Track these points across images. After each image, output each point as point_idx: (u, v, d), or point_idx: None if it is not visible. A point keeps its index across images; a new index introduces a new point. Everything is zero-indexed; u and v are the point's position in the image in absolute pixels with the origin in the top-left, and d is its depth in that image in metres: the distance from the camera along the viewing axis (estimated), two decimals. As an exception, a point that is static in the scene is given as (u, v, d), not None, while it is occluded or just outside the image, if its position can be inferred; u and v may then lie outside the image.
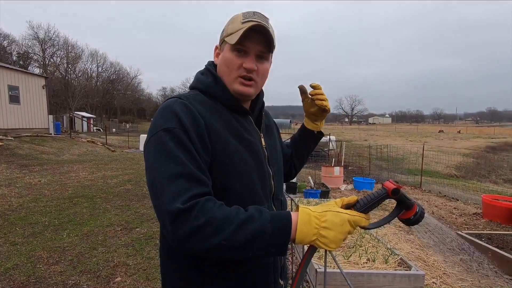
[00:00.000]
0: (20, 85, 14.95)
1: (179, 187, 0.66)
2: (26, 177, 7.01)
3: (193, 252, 0.66)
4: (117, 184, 6.64)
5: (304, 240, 0.66)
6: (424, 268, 3.13)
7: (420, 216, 0.71)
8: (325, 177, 7.56)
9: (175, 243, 0.66)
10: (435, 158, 13.78)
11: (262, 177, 0.85)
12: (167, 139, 0.71)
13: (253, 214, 0.66)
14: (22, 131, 14.24)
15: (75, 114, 28.44)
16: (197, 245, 0.64)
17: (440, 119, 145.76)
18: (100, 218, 4.31)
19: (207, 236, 0.63)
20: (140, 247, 3.37)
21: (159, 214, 0.68)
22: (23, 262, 2.94)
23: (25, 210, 4.59)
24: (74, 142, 14.57)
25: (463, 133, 40.29)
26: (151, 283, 2.64)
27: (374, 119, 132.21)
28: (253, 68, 0.82)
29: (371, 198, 0.69)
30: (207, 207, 0.65)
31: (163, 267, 0.88)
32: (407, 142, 23.14)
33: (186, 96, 0.81)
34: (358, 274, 2.47)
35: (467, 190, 8.32)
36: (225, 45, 0.84)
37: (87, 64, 44.77)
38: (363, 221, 0.68)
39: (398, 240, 3.95)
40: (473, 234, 3.85)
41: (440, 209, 5.70)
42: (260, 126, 0.94)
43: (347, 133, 37.62)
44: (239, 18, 0.82)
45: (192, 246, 0.65)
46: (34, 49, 37.48)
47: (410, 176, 9.39)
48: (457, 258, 3.46)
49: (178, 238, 0.64)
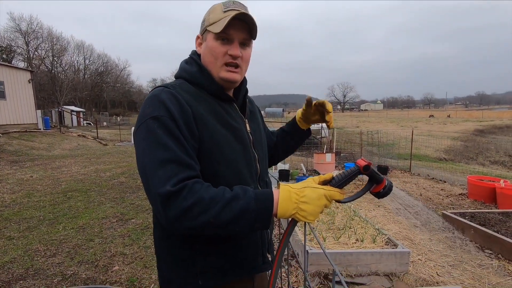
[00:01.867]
0: (5, 80, 14.55)
1: (168, 172, 0.70)
2: (17, 173, 6.95)
3: (184, 231, 0.71)
4: (110, 177, 6.64)
5: (285, 214, 0.72)
6: (410, 246, 3.28)
7: (388, 189, 0.78)
8: (317, 164, 7.69)
9: (167, 223, 0.70)
10: (424, 142, 14.07)
11: (248, 160, 0.90)
12: (155, 126, 0.75)
13: (238, 193, 0.72)
14: (10, 127, 13.95)
15: (63, 108, 27.87)
16: (187, 224, 0.69)
17: (431, 104, 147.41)
18: (95, 211, 4.35)
19: (196, 215, 0.68)
20: (136, 237, 3.43)
21: (151, 197, 0.72)
22: (20, 256, 2.98)
23: (19, 206, 4.58)
24: (64, 137, 14.37)
25: (452, 117, 40.96)
26: (148, 271, 2.72)
27: (366, 106, 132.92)
28: (238, 54, 0.86)
29: (345, 174, 0.76)
30: (195, 188, 0.70)
31: (157, 247, 0.93)
32: (398, 128, 23.48)
33: (173, 85, 0.84)
34: (347, 253, 2.59)
35: (454, 172, 8.57)
36: (208, 34, 0.87)
37: (74, 56, 43.66)
38: (338, 195, 0.74)
39: (387, 222, 4.11)
40: (458, 213, 4.02)
41: (428, 191, 5.89)
42: (245, 112, 0.98)
43: (340, 120, 37.86)
44: (219, 8, 0.85)
45: (183, 225, 0.69)
46: (17, 42, 36.16)
47: (400, 161, 9.60)
48: (442, 236, 3.62)
49: (169, 218, 0.69)
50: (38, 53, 37.84)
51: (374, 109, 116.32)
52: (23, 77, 15.95)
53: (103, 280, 2.56)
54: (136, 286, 2.49)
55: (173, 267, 0.87)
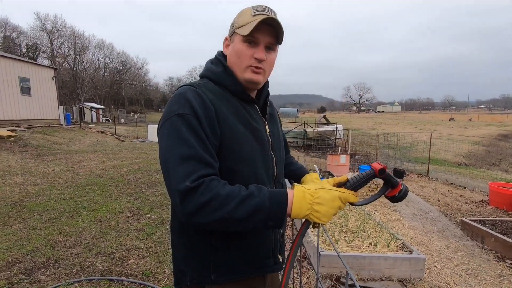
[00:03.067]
0: (31, 77, 15.22)
1: (188, 168, 0.73)
2: (40, 166, 7.26)
3: (199, 225, 0.74)
4: (127, 172, 6.83)
5: (299, 214, 0.73)
6: (426, 252, 3.20)
7: (404, 194, 0.77)
8: (331, 165, 7.60)
9: (184, 217, 0.73)
10: (444, 146, 13.62)
11: (266, 161, 0.92)
12: (179, 123, 0.78)
13: (253, 191, 0.74)
14: (34, 122, 14.60)
15: (84, 105, 28.85)
16: (203, 218, 0.72)
17: (451, 106, 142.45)
18: (112, 205, 4.49)
19: (212, 210, 0.71)
20: (151, 231, 3.52)
21: (171, 192, 0.75)
22: (42, 245, 3.12)
23: (41, 197, 4.79)
24: (84, 133, 14.88)
25: (474, 121, 39.42)
26: (161, 265, 2.78)
27: (383, 108, 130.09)
28: (263, 58, 0.88)
29: (360, 177, 0.76)
30: (212, 185, 0.72)
31: (173, 239, 0.96)
32: (416, 131, 22.84)
33: (198, 84, 0.88)
34: (360, 257, 2.55)
35: (475, 178, 8.25)
36: (236, 36, 0.90)
37: (95, 54, 45.10)
38: (352, 198, 0.74)
39: (402, 227, 4.02)
40: (477, 221, 3.88)
41: (446, 197, 5.71)
42: (265, 114, 1.01)
43: (355, 121, 37.23)
44: (249, 12, 0.88)
45: (199, 219, 0.72)
46: (42, 40, 37.85)
47: (417, 165, 9.34)
48: (459, 244, 3.51)
49: (187, 213, 0.72)
50: (61, 51, 39.40)
51: (391, 111, 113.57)
52: (47, 74, 16.63)
53: (119, 272, 2.65)
54: (150, 279, 2.56)
55: (188, 259, 0.90)
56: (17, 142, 10.29)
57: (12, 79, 14.04)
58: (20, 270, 2.64)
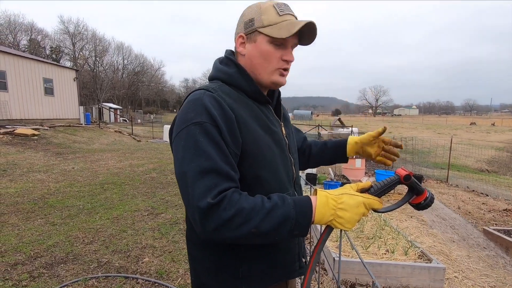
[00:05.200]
0: (54, 78, 15.86)
1: (209, 182, 0.68)
2: (61, 164, 7.53)
3: (223, 241, 0.70)
4: (143, 172, 6.97)
5: (322, 220, 0.71)
6: (446, 262, 3.08)
7: (430, 201, 0.74)
8: (346, 169, 7.47)
9: (205, 234, 0.69)
10: (464, 151, 13.11)
11: (285, 164, 0.90)
12: (197, 133, 0.72)
13: (277, 202, 0.71)
14: (56, 121, 15.18)
15: (103, 105, 29.75)
16: (228, 234, 0.68)
17: (473, 110, 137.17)
18: (129, 204, 4.58)
19: (238, 225, 0.67)
20: (165, 231, 3.57)
21: (189, 208, 0.70)
22: (62, 241, 3.23)
23: (62, 194, 4.96)
24: (102, 132, 15.33)
25: (497, 125, 37.81)
26: (175, 264, 2.81)
27: (400, 111, 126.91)
28: (293, 60, 0.86)
29: (385, 183, 0.73)
30: (234, 198, 0.69)
31: (193, 254, 0.90)
32: (434, 135, 22.14)
33: (214, 88, 0.81)
34: (376, 264, 2.49)
35: (498, 186, 7.89)
36: (259, 36, 0.83)
37: (114, 56, 46.50)
38: (376, 204, 0.72)
39: (420, 234, 3.89)
40: (501, 230, 3.70)
41: (467, 204, 5.48)
42: (280, 115, 0.98)
43: (371, 124, 36.50)
44: (272, 10, 0.83)
45: (222, 236, 0.68)
46: (65, 42, 39.42)
47: (436, 170, 9.04)
48: (482, 254, 3.36)
49: (209, 230, 0.68)
50: (82, 53, 40.83)
51: (409, 115, 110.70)
52: (69, 75, 17.28)
53: (134, 270, 2.70)
54: (165, 278, 2.59)
55: (214, 273, 0.85)
56: (40, 140, 10.72)
57: (37, 80, 14.68)
58: (41, 264, 2.73)
